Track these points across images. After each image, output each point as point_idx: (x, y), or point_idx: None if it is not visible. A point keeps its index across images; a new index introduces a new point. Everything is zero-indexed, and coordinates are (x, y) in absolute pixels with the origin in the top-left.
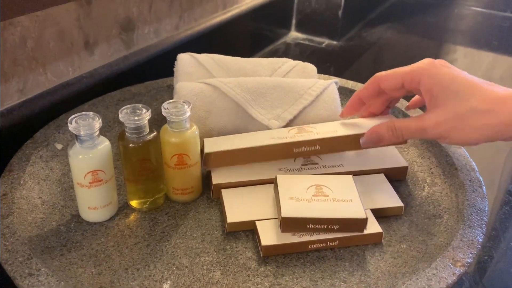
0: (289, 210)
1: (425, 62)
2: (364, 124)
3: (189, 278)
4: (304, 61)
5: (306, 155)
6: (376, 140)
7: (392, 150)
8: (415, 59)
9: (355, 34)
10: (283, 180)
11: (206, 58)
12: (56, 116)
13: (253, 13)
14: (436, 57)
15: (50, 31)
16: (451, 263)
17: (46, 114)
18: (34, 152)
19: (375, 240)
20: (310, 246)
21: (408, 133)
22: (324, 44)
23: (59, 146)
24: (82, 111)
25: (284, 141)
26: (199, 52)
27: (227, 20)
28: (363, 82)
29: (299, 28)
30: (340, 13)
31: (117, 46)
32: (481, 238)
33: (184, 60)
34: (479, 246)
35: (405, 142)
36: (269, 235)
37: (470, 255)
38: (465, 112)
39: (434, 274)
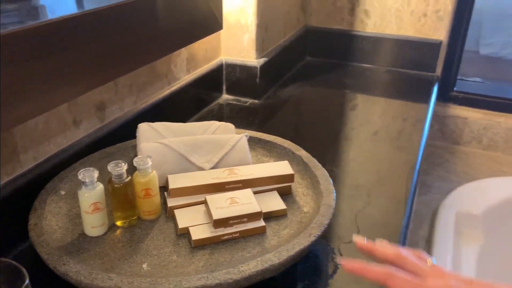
0: (218, 214)
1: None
2: (272, 168)
3: (157, 260)
4: (233, 116)
5: (233, 189)
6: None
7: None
8: (325, 109)
9: (271, 94)
10: (210, 198)
11: (158, 125)
12: (58, 173)
13: (193, 84)
14: (340, 103)
15: (52, 117)
16: (308, 235)
17: (52, 171)
18: (48, 198)
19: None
20: (224, 237)
21: None
22: (248, 103)
23: (62, 192)
24: (75, 169)
25: (221, 180)
26: (153, 119)
27: (172, 92)
28: (280, 132)
29: (228, 92)
30: (257, 79)
31: (95, 121)
32: (327, 221)
33: (143, 127)
34: (326, 226)
35: None
36: (199, 233)
37: (320, 230)
38: None
39: (298, 242)
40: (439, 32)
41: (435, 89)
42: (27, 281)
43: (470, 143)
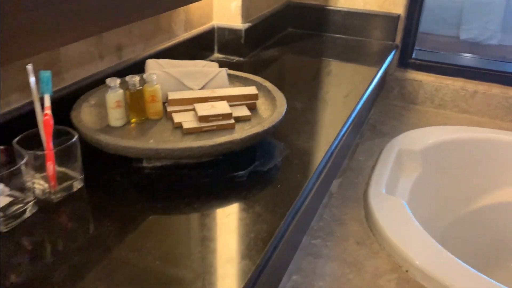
0: (202, 112)
1: None
2: (242, 90)
3: (160, 139)
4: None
5: (214, 101)
6: None
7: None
8: (302, 73)
9: (255, 54)
10: (197, 105)
11: (162, 60)
12: (88, 90)
13: (189, 41)
14: (317, 68)
15: (85, 51)
16: (262, 126)
17: (84, 89)
18: (82, 104)
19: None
20: (205, 129)
21: None
22: (235, 60)
23: (92, 102)
24: (100, 89)
25: (206, 95)
26: None
27: (172, 45)
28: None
29: (219, 51)
30: (242, 40)
31: (114, 58)
32: (277, 120)
33: (150, 62)
34: (275, 123)
35: None
36: (189, 124)
37: (270, 124)
38: None
39: (254, 129)
40: (398, 7)
41: (392, 54)
42: (76, 137)
43: (425, 103)
